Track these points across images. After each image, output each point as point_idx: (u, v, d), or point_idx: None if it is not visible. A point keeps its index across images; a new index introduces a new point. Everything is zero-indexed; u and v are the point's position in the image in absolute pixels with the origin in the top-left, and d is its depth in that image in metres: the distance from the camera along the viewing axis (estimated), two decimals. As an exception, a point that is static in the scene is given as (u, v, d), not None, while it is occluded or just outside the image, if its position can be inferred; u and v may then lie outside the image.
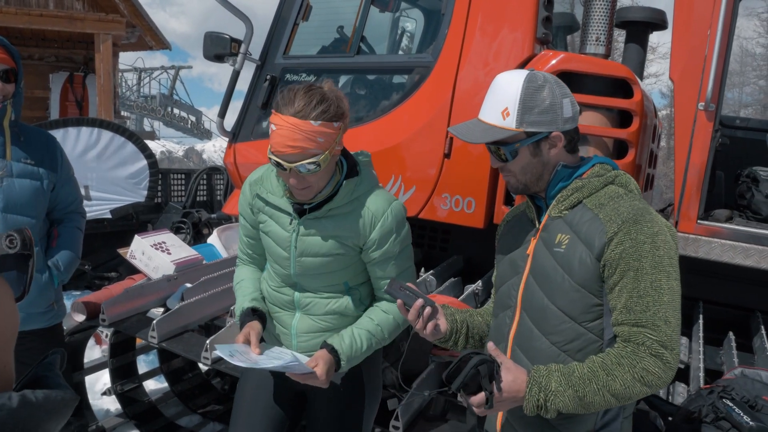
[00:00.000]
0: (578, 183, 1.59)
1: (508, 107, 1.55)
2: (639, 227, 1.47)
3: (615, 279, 1.47)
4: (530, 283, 1.60)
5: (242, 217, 2.04)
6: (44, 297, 2.54)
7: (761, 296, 3.50)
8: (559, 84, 1.58)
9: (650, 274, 1.45)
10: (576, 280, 1.51)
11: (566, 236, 1.55)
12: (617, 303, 1.47)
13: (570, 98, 1.59)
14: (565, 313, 1.53)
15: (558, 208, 1.59)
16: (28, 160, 2.48)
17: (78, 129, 6.64)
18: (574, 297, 1.51)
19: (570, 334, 1.53)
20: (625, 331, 1.47)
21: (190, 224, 6.34)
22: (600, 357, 1.48)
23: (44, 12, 10.51)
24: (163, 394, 4.11)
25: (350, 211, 1.85)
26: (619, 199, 1.54)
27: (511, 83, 1.56)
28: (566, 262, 1.53)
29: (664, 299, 1.44)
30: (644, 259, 1.45)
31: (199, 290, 3.18)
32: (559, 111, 1.55)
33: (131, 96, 22.14)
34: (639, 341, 1.44)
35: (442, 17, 3.46)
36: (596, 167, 1.62)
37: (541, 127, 1.55)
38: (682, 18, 3.13)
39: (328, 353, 1.83)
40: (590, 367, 1.46)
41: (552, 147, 1.58)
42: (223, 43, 3.76)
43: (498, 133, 1.57)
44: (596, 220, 1.51)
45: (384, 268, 1.90)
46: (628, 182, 1.62)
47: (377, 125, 3.52)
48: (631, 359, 1.44)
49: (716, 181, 4.01)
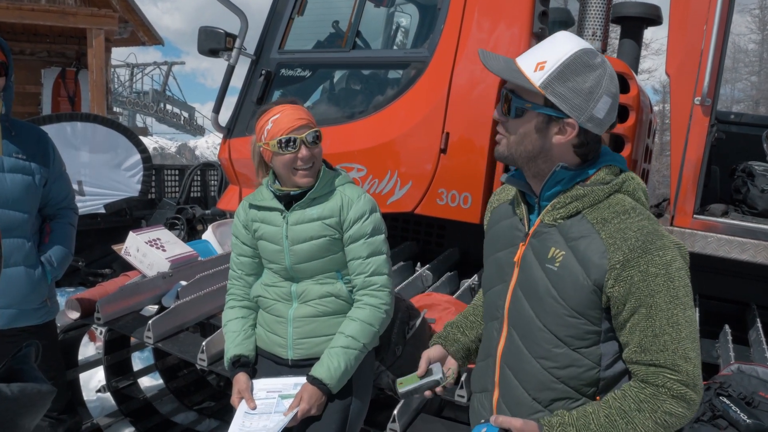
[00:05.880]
0: (579, 190, 1.41)
1: (547, 63, 1.37)
2: (649, 258, 1.32)
3: (625, 316, 1.34)
4: (518, 296, 1.48)
5: (236, 237, 2.24)
6: (37, 293, 2.51)
7: (757, 290, 3.52)
8: (613, 79, 1.39)
9: (665, 310, 1.31)
10: (570, 304, 1.37)
11: (560, 252, 1.39)
12: (629, 340, 1.35)
13: (612, 100, 1.40)
14: (558, 337, 1.40)
15: (552, 215, 1.43)
16: (20, 155, 2.45)
17: (71, 124, 6.59)
18: (568, 322, 1.38)
19: (564, 360, 1.40)
20: (641, 370, 1.34)
21: (185, 220, 6.32)
22: (617, 400, 1.34)
23: (36, 7, 10.41)
24: (158, 391, 4.09)
25: (330, 198, 2.11)
26: (626, 216, 1.36)
27: (566, 43, 1.38)
28: (560, 283, 1.39)
29: (682, 335, 1.31)
30: (658, 295, 1.31)
31: (194, 288, 3.15)
32: (592, 103, 1.36)
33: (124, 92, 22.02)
34: (659, 383, 1.32)
35: (438, 12, 3.45)
36: (602, 171, 1.43)
37: (562, 104, 1.36)
38: (678, 13, 3.13)
39: (310, 384, 2.01)
40: (607, 415, 1.33)
41: (560, 134, 1.39)
42: (217, 37, 3.73)
43: (519, 78, 1.39)
44: (596, 239, 1.36)
45: (357, 246, 2.08)
46: (636, 189, 1.44)
47: (373, 120, 3.51)
48: (651, 403, 1.31)
49: (712, 175, 4.02)
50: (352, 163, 3.44)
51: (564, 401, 1.42)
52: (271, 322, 2.16)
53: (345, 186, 2.14)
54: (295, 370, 2.13)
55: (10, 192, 2.41)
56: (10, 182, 2.41)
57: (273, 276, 2.16)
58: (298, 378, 2.07)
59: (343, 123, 3.58)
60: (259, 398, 2.06)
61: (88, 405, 3.73)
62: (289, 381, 2.09)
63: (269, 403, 2.04)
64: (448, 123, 3.31)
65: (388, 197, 3.43)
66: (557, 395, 1.43)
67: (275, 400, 2.04)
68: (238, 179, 4.03)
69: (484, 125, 3.21)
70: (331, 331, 2.09)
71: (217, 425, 4.05)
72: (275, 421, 1.96)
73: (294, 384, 2.07)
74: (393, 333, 2.42)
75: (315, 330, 2.10)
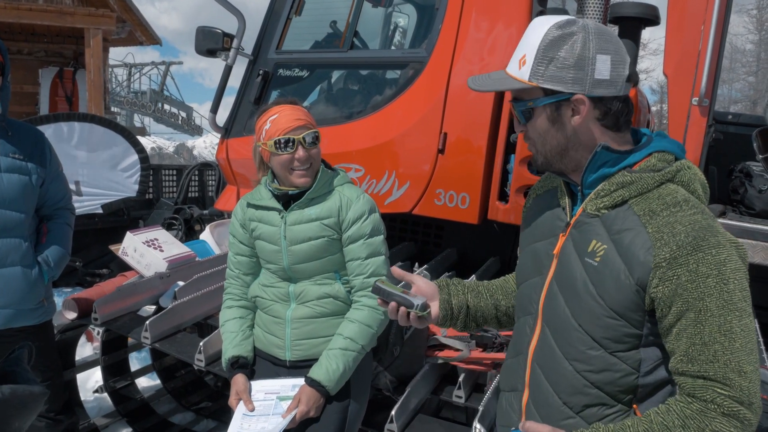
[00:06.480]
0: (626, 176, 1.28)
1: (527, 55, 1.29)
2: (700, 255, 1.18)
3: (670, 320, 1.21)
4: (554, 291, 1.37)
5: (233, 236, 2.22)
6: (34, 293, 2.51)
7: (754, 291, 3.51)
8: (600, 35, 1.27)
9: (717, 315, 1.17)
10: (610, 304, 1.26)
11: (602, 245, 1.28)
12: (675, 348, 1.22)
13: (612, 56, 1.27)
14: (594, 338, 1.29)
15: (596, 204, 1.31)
16: (17, 155, 2.45)
17: (69, 124, 6.57)
18: (606, 323, 1.27)
19: (599, 363, 1.29)
20: (688, 383, 1.20)
21: (182, 220, 6.30)
22: (659, 415, 1.21)
23: (33, 6, 10.40)
24: (155, 392, 4.08)
25: (328, 198, 2.09)
26: (677, 208, 1.23)
27: (538, 28, 1.29)
28: (599, 279, 1.27)
29: (735, 345, 1.16)
30: (709, 298, 1.17)
31: (192, 288, 3.14)
32: (589, 69, 1.25)
33: (121, 92, 21.99)
34: (707, 398, 1.17)
35: (435, 12, 3.45)
36: (653, 157, 1.30)
37: (558, 85, 1.27)
38: (675, 13, 3.13)
39: (309, 386, 2.01)
40: (647, 430, 1.21)
41: (576, 115, 1.29)
42: (215, 37, 3.73)
43: (507, 82, 1.32)
44: (643, 232, 1.23)
45: (356, 247, 2.07)
46: (692, 180, 1.30)
47: (371, 121, 3.50)
48: (699, 421, 1.17)
49: (709, 176, 4.02)
50: (350, 163, 3.43)
51: (597, 407, 1.32)
52: (268, 323, 2.15)
53: (344, 186, 2.13)
54: (293, 371, 2.13)
55: (7, 192, 2.40)
56: (7, 182, 2.41)
57: (271, 276, 2.15)
58: (297, 379, 2.07)
59: (340, 123, 3.58)
60: (258, 400, 2.06)
61: (85, 405, 3.72)
62: (287, 382, 2.09)
63: (267, 404, 2.04)
64: (446, 123, 3.31)
65: (386, 197, 3.43)
66: (590, 401, 1.32)
67: (273, 401, 2.04)
68: (236, 179, 4.02)
69: (482, 126, 3.21)
70: (329, 333, 2.09)
71: (215, 426, 4.04)
72: (274, 422, 1.96)
73: (292, 385, 2.07)
74: (391, 334, 2.42)
75: (313, 331, 2.10)
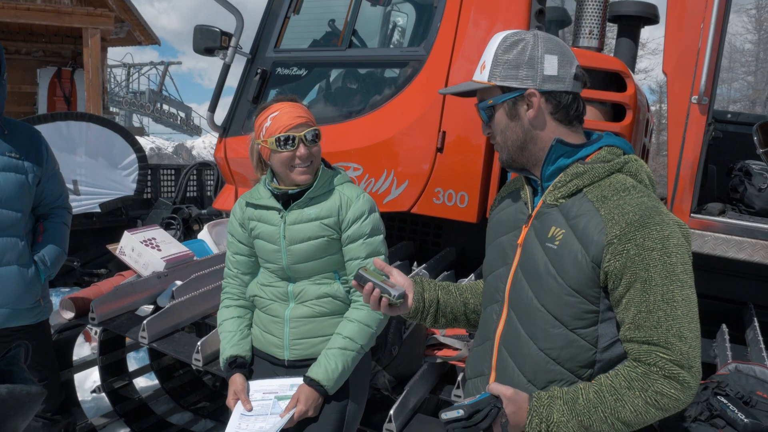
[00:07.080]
0: (579, 168, 1.43)
1: (485, 60, 1.49)
2: (646, 231, 1.31)
3: (620, 291, 1.33)
4: (518, 278, 1.48)
5: (231, 235, 2.21)
6: (31, 292, 2.50)
7: (754, 289, 3.51)
8: (547, 40, 1.45)
9: (660, 285, 1.29)
10: (569, 283, 1.37)
11: (561, 230, 1.40)
12: (624, 317, 1.34)
13: (558, 56, 1.44)
14: (556, 317, 1.40)
15: (554, 194, 1.44)
16: (13, 154, 2.44)
17: (66, 123, 6.56)
18: (566, 301, 1.38)
19: (560, 340, 1.40)
20: (634, 349, 1.33)
21: (180, 220, 6.29)
22: (609, 378, 1.34)
23: (31, 6, 10.37)
24: (153, 392, 4.07)
25: (328, 197, 2.08)
26: (626, 193, 1.37)
27: (495, 39, 1.50)
28: (559, 261, 1.39)
29: (677, 312, 1.29)
30: (653, 269, 1.29)
31: (189, 288, 3.14)
32: (539, 66, 1.42)
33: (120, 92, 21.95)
34: (650, 361, 1.30)
35: (434, 10, 3.44)
36: (603, 150, 1.46)
37: (512, 82, 1.44)
38: (675, 12, 3.12)
39: (307, 386, 2.00)
40: (597, 391, 1.32)
41: (530, 108, 1.45)
42: (213, 36, 3.72)
43: (469, 84, 1.52)
44: (596, 215, 1.36)
45: (356, 246, 2.07)
46: (639, 170, 1.45)
47: (369, 119, 3.49)
48: (642, 382, 1.30)
49: (709, 174, 4.02)
50: (349, 162, 3.42)
51: (559, 383, 1.41)
52: (267, 322, 2.14)
53: (344, 185, 2.12)
54: (291, 370, 2.12)
55: (3, 191, 2.39)
56: (3, 181, 2.40)
57: (269, 276, 2.14)
58: (295, 379, 2.06)
59: (339, 122, 3.57)
60: (256, 399, 2.05)
61: (83, 405, 3.72)
62: (285, 382, 2.08)
63: (265, 404, 2.03)
64: (445, 122, 3.30)
65: (384, 196, 3.42)
66: (553, 377, 1.42)
67: (271, 401, 2.03)
68: (234, 179, 4.01)
69: (481, 124, 3.20)
70: (328, 332, 2.08)
71: (213, 426, 4.03)
72: (272, 422, 1.95)
73: (290, 385, 2.06)
74: (389, 333, 2.42)
75: (312, 330, 2.09)
